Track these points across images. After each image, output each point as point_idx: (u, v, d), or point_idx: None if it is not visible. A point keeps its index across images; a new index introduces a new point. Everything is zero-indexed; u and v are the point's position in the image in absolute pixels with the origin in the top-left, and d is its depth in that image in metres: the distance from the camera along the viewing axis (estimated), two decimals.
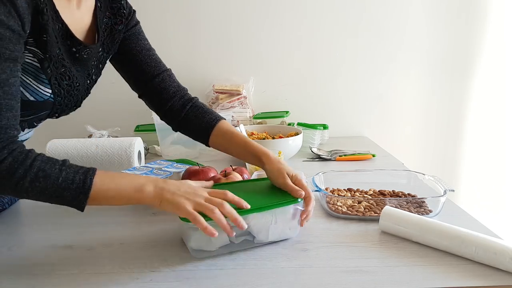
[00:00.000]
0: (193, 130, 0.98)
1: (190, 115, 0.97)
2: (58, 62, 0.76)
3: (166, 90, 0.97)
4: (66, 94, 0.81)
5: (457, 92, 1.75)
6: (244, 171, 1.02)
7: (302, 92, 1.73)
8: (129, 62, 0.95)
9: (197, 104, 0.99)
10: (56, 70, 0.76)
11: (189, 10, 1.65)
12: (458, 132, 1.79)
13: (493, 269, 0.67)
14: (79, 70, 0.84)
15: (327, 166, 1.28)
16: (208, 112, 0.97)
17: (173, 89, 0.98)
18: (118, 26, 0.90)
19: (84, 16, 0.82)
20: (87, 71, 0.87)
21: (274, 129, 1.42)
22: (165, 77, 0.97)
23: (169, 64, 1.68)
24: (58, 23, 0.74)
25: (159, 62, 0.98)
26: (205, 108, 0.99)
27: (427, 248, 0.74)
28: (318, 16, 1.67)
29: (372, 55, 1.71)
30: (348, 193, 0.99)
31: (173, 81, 0.99)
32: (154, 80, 0.96)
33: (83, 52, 0.82)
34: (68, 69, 0.79)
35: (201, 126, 0.95)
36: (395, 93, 1.75)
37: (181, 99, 0.98)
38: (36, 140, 1.05)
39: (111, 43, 0.91)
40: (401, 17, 1.67)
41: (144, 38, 0.98)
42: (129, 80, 0.98)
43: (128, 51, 0.94)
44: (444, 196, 0.87)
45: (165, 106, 0.97)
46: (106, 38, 0.89)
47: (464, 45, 1.71)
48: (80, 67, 0.84)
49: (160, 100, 0.97)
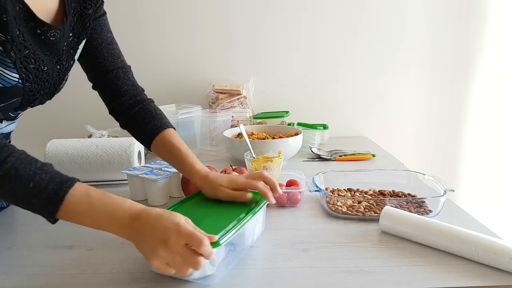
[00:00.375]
0: (137, 133, 0.98)
1: (137, 117, 0.96)
2: (20, 44, 0.73)
3: (118, 87, 0.96)
4: (34, 78, 0.78)
5: (457, 92, 1.75)
6: (244, 170, 1.02)
7: (302, 92, 1.73)
8: (88, 52, 0.93)
9: (147, 107, 0.98)
10: (20, 53, 0.73)
11: (189, 10, 1.65)
12: (458, 132, 1.79)
13: (493, 269, 0.67)
14: (47, 54, 0.81)
15: (327, 166, 1.28)
16: (156, 118, 0.96)
17: (126, 87, 0.97)
18: (88, 10, 0.88)
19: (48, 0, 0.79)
20: (57, 55, 0.84)
21: (274, 129, 1.42)
22: (120, 74, 0.97)
23: (169, 64, 1.70)
24: (18, 4, 0.71)
25: (117, 58, 0.97)
26: (154, 113, 0.97)
27: (427, 248, 0.74)
28: (318, 16, 1.67)
29: (372, 55, 1.71)
30: (348, 193, 0.99)
31: (127, 79, 0.98)
32: (108, 74, 0.95)
33: (49, 34, 0.78)
34: (32, 51, 0.76)
35: (144, 131, 0.95)
36: (395, 93, 1.75)
37: (132, 99, 0.97)
38: (36, 139, 1.05)
39: (82, 27, 0.88)
40: (401, 16, 1.67)
41: (108, 30, 0.97)
42: (85, 70, 0.97)
43: (89, 41, 0.92)
44: (444, 196, 0.87)
45: (115, 102, 0.97)
46: (76, 22, 0.86)
47: (464, 45, 1.71)
48: (49, 51, 0.81)
49: (111, 95, 0.96)
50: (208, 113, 1.47)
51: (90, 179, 1.12)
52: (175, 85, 1.70)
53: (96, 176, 1.14)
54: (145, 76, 1.69)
